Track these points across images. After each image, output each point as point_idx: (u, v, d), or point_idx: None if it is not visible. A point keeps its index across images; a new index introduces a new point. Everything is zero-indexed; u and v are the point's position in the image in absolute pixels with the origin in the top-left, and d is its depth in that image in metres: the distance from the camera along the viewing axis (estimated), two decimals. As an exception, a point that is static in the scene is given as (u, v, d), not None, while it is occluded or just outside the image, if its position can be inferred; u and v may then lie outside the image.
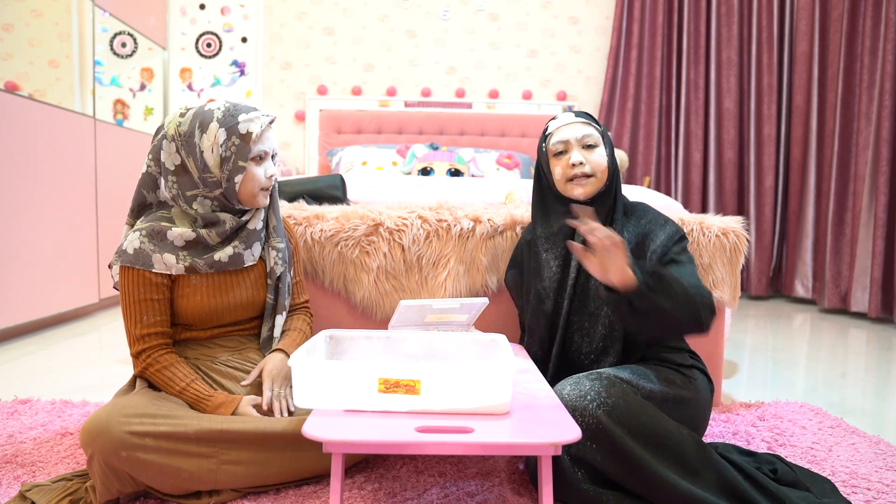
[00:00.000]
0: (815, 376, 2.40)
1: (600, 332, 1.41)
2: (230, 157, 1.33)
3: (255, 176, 1.36)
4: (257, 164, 1.37)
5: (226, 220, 1.38)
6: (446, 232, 1.78)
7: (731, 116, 4.40)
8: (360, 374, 1.07)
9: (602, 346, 1.41)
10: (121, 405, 1.20)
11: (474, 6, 4.51)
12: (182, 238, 1.34)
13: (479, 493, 1.30)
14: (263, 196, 1.40)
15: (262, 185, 1.38)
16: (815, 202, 4.17)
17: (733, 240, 1.85)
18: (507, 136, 4.27)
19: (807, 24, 4.19)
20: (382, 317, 1.79)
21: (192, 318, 1.39)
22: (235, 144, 1.33)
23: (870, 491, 1.34)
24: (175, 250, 1.34)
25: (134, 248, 1.32)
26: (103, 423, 1.15)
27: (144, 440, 1.15)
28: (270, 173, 1.39)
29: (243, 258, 1.40)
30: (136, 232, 1.34)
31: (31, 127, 2.80)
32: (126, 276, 1.33)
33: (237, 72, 4.41)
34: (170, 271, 1.33)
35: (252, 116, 1.35)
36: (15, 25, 3.08)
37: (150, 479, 1.18)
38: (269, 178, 1.39)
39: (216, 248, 1.38)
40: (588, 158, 1.45)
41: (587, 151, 1.45)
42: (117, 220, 3.58)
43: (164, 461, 1.16)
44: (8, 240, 2.66)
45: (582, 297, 1.45)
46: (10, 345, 2.65)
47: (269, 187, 1.40)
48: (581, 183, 1.45)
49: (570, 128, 1.47)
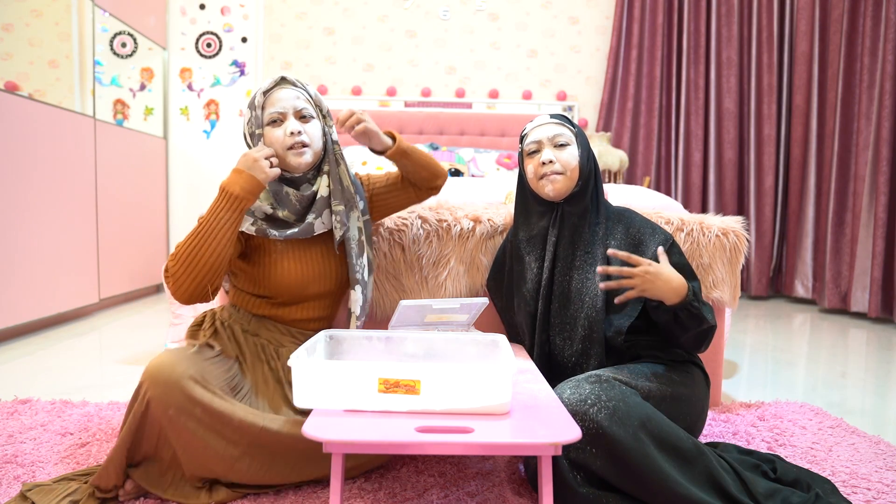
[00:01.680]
0: (815, 376, 2.40)
1: (580, 334, 1.41)
2: (253, 131, 1.43)
3: (271, 138, 1.40)
4: (274, 126, 1.41)
5: (289, 194, 1.42)
6: (446, 232, 1.78)
7: (731, 116, 4.40)
8: (360, 374, 1.07)
9: (582, 347, 1.41)
10: (193, 367, 1.22)
11: (474, 6, 4.51)
12: (262, 210, 1.40)
13: (479, 493, 1.30)
14: (294, 154, 1.40)
15: (285, 144, 1.39)
16: (815, 202, 4.17)
17: (733, 240, 1.85)
18: (507, 136, 4.27)
19: (807, 24, 4.19)
20: (382, 317, 1.79)
21: (276, 285, 1.41)
22: (253, 117, 1.42)
23: (870, 491, 1.34)
24: (253, 216, 1.40)
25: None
26: (172, 378, 1.17)
27: (195, 409, 1.18)
28: (291, 130, 1.38)
29: (314, 227, 1.43)
30: None
31: (31, 127, 2.80)
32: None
33: (237, 72, 4.41)
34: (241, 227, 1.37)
35: (262, 85, 1.43)
36: (15, 25, 3.08)
37: (180, 444, 1.19)
38: (292, 136, 1.38)
39: (293, 224, 1.43)
40: (558, 157, 1.46)
41: (558, 150, 1.47)
42: (117, 220, 3.59)
43: (201, 433, 1.18)
44: (8, 240, 2.66)
45: (561, 299, 1.45)
46: (10, 345, 2.65)
47: (296, 144, 1.39)
48: (550, 179, 1.46)
49: (542, 128, 1.50)
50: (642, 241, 1.45)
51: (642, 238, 1.45)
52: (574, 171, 1.47)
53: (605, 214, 1.48)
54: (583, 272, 1.44)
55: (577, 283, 1.44)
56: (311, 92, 1.47)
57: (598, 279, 1.41)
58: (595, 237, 1.45)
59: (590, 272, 1.43)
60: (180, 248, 1.28)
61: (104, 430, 1.63)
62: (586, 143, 1.52)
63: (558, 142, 1.48)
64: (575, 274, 1.45)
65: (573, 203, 1.48)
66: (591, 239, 1.46)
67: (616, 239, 1.46)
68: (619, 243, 1.45)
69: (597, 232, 1.46)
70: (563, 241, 1.48)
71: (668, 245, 1.43)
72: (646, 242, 1.44)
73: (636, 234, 1.46)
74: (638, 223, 1.48)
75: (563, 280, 1.46)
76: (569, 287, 1.45)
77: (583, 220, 1.47)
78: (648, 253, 1.42)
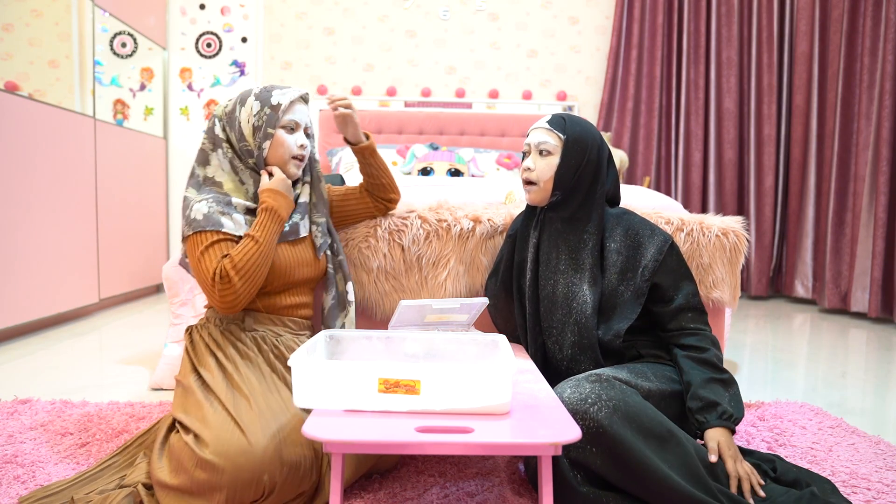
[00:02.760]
0: (815, 376, 2.40)
1: (570, 340, 1.41)
2: (261, 126, 1.44)
3: (283, 142, 1.45)
4: (287, 132, 1.46)
5: None
6: (446, 232, 1.77)
7: (731, 116, 4.40)
8: (360, 374, 1.07)
9: (572, 353, 1.41)
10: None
11: (474, 6, 4.51)
12: (244, 206, 1.44)
13: (479, 493, 1.30)
14: (294, 165, 1.48)
15: (293, 153, 1.47)
16: (815, 202, 4.17)
17: (733, 240, 1.85)
18: (507, 136, 4.27)
19: (807, 24, 4.19)
20: (382, 317, 1.79)
21: (269, 271, 1.42)
22: (266, 114, 1.44)
23: (870, 491, 1.34)
24: (243, 212, 1.43)
25: (203, 214, 1.36)
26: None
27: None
28: (301, 143, 1.47)
29: (299, 227, 1.49)
30: (202, 201, 1.39)
31: (31, 127, 2.80)
32: (197, 238, 1.35)
33: (237, 72, 4.41)
34: (238, 231, 1.38)
35: (284, 91, 1.47)
36: (15, 25, 3.08)
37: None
38: (301, 148, 1.48)
39: None
40: (537, 165, 1.45)
41: (540, 158, 1.46)
42: (117, 220, 3.59)
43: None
44: (8, 240, 2.66)
45: (547, 303, 1.45)
46: (10, 345, 2.65)
47: (300, 156, 1.48)
48: (527, 189, 1.48)
49: (535, 133, 1.49)
50: (641, 242, 1.43)
51: (641, 240, 1.43)
52: (547, 183, 1.44)
53: (599, 222, 1.45)
54: (568, 277, 1.42)
55: (563, 287, 1.42)
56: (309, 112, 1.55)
57: (586, 286, 1.40)
58: (583, 244, 1.43)
59: (576, 278, 1.42)
60: (244, 265, 1.32)
61: (104, 430, 1.63)
62: (579, 150, 1.44)
63: (541, 149, 1.45)
64: (560, 279, 1.43)
65: (557, 209, 1.47)
66: (577, 245, 1.44)
67: (615, 241, 1.44)
68: (618, 245, 1.44)
69: (586, 240, 1.43)
70: (544, 245, 1.47)
71: (666, 248, 1.41)
72: (644, 244, 1.42)
73: (635, 235, 1.44)
74: (637, 224, 1.46)
75: (548, 284, 1.44)
76: (554, 292, 1.43)
77: (568, 227, 1.45)
78: (647, 254, 1.41)
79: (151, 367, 2.31)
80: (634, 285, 1.40)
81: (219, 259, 1.33)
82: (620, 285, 1.41)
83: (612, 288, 1.41)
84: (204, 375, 1.31)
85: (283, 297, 1.49)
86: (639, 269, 1.40)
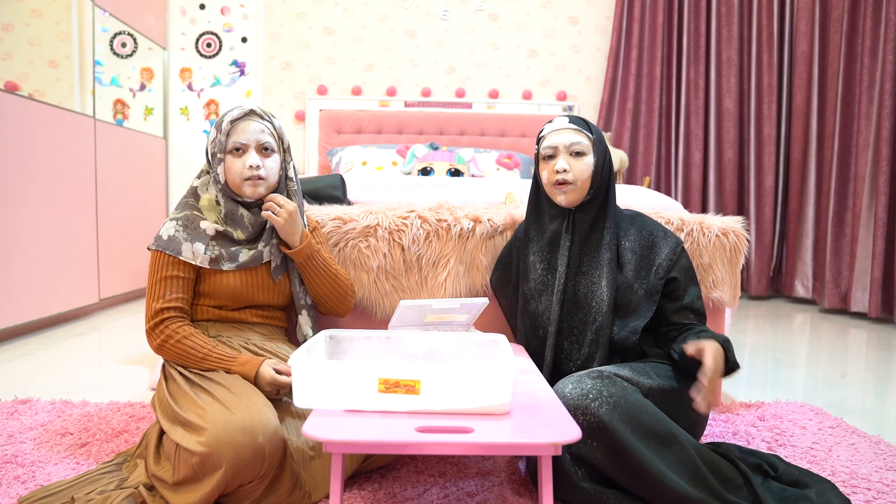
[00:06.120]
0: (815, 376, 2.40)
1: (589, 338, 1.43)
2: (215, 152, 1.45)
3: (231, 167, 1.43)
4: (235, 156, 1.43)
5: (243, 216, 1.46)
6: (446, 232, 1.77)
7: (731, 116, 4.40)
8: (360, 374, 1.07)
9: (588, 351, 1.43)
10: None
11: (474, 6, 4.51)
12: (213, 229, 1.43)
13: (479, 493, 1.30)
14: (249, 186, 1.43)
15: (243, 175, 1.42)
16: (815, 202, 4.17)
17: (733, 240, 1.85)
18: (507, 136, 4.27)
19: (807, 24, 4.19)
20: (382, 317, 1.79)
21: (223, 296, 1.44)
22: (219, 140, 1.44)
23: (870, 491, 1.34)
24: (206, 239, 1.42)
25: (168, 235, 1.40)
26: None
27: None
28: (251, 164, 1.41)
29: (262, 255, 1.47)
30: (172, 220, 1.43)
31: (31, 127, 2.80)
32: (155, 258, 1.41)
33: (237, 72, 4.41)
34: (195, 261, 1.40)
35: (232, 112, 1.44)
36: (15, 25, 3.08)
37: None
38: (250, 169, 1.41)
39: (242, 244, 1.46)
40: (573, 166, 1.45)
41: (573, 159, 1.45)
42: (117, 220, 3.59)
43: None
44: (8, 240, 2.66)
45: (571, 304, 1.46)
46: (10, 345, 2.65)
47: (251, 177, 1.42)
48: (562, 190, 1.46)
49: (560, 133, 1.47)
50: (655, 242, 1.47)
51: (655, 240, 1.47)
52: (586, 182, 1.46)
53: (613, 219, 1.48)
54: (588, 277, 1.45)
55: (584, 287, 1.45)
56: (275, 125, 1.49)
57: (605, 284, 1.42)
58: (602, 242, 1.46)
59: (595, 276, 1.44)
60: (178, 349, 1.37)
61: (104, 430, 1.63)
62: (604, 149, 1.48)
63: (574, 150, 1.45)
64: (582, 279, 1.46)
65: (585, 210, 1.48)
66: (598, 244, 1.47)
67: (630, 240, 1.48)
68: (633, 244, 1.47)
69: (604, 237, 1.46)
70: (575, 247, 1.48)
71: (678, 250, 1.45)
72: (659, 244, 1.46)
73: (649, 236, 1.48)
74: (650, 226, 1.51)
75: (570, 285, 1.47)
76: (575, 292, 1.46)
77: (593, 227, 1.48)
78: (662, 253, 1.44)
79: (151, 367, 2.31)
80: (648, 283, 1.43)
81: (167, 300, 1.37)
82: (635, 283, 1.43)
83: (628, 285, 1.43)
84: (178, 381, 1.34)
85: (245, 314, 1.49)
86: (653, 268, 1.44)
